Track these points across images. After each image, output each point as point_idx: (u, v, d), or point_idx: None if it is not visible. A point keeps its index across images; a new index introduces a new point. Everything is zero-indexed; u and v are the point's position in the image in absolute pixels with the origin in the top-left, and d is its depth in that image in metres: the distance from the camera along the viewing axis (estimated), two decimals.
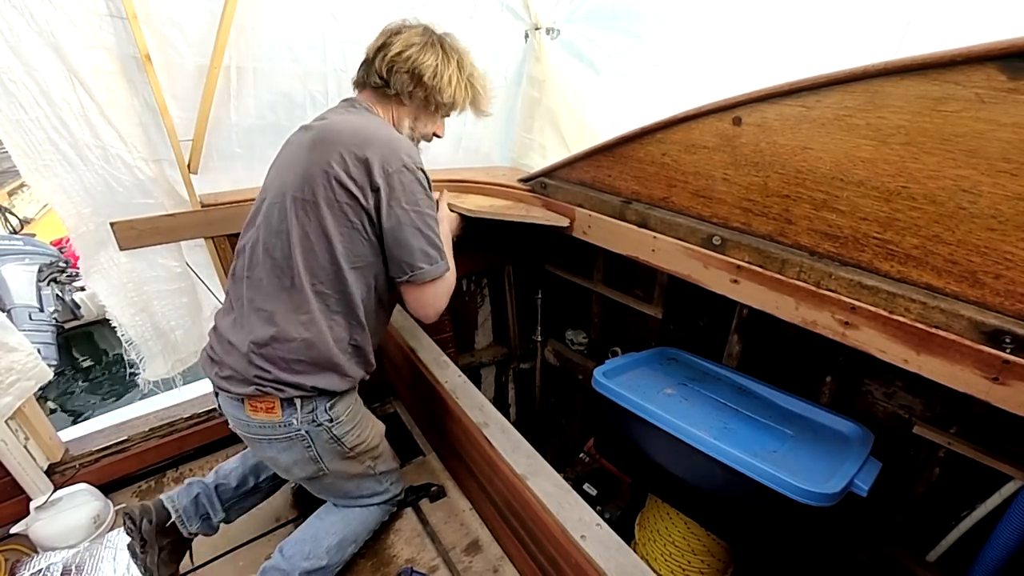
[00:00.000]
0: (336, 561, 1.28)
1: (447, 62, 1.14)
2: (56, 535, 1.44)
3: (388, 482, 1.39)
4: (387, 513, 1.44)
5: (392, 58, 1.11)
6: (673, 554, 1.48)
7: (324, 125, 1.11)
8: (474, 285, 2.22)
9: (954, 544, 1.26)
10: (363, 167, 1.02)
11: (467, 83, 1.19)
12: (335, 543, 1.28)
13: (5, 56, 1.21)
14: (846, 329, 0.94)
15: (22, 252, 3.56)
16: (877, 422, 1.33)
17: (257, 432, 1.15)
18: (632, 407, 1.35)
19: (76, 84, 1.31)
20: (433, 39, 1.14)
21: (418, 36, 1.13)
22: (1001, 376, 0.77)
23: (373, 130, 1.08)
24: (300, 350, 1.07)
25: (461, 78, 1.18)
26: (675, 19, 2.06)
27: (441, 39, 1.16)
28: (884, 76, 0.82)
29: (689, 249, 1.19)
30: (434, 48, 1.13)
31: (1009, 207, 0.75)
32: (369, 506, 1.37)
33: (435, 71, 1.13)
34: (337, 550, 1.28)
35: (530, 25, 1.94)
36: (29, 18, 1.21)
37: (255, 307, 1.09)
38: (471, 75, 1.20)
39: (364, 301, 1.12)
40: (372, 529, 1.39)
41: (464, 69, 1.18)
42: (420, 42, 1.12)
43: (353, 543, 1.33)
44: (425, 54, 1.12)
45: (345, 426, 1.19)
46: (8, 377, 1.35)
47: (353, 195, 1.03)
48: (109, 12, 1.29)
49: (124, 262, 1.53)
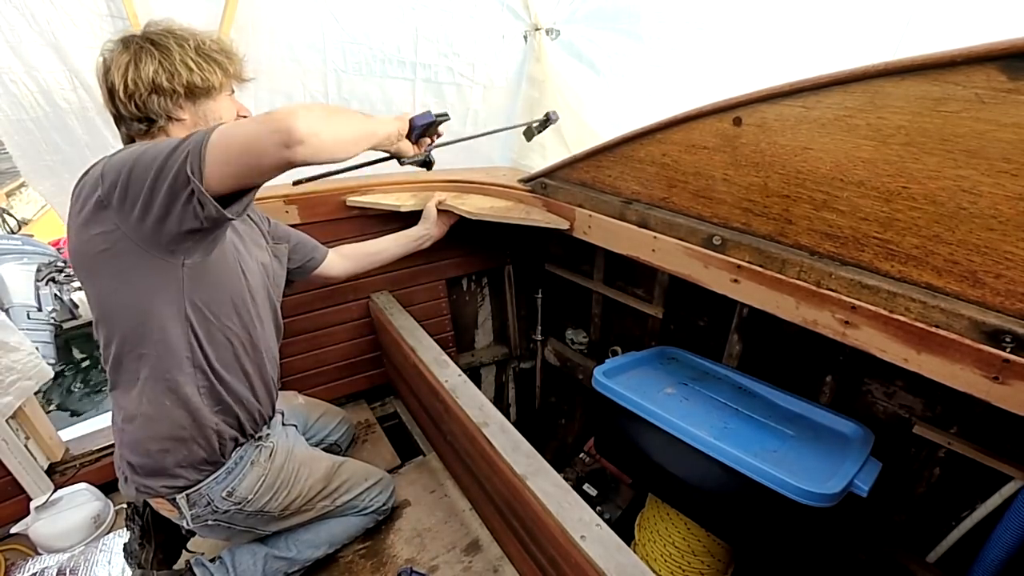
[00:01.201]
0: (305, 556, 1.28)
1: (168, 54, 0.95)
2: (56, 535, 1.44)
3: (364, 500, 1.38)
4: (374, 521, 1.43)
5: (129, 93, 0.95)
6: (673, 554, 1.48)
7: None
8: (474, 285, 2.22)
9: (954, 544, 1.26)
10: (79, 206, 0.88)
11: (203, 57, 0.99)
12: (308, 538, 1.29)
13: (6, 56, 1.22)
14: (846, 329, 0.94)
15: (20, 252, 3.56)
16: (877, 422, 1.33)
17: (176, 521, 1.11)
18: (632, 407, 1.35)
19: (77, 84, 1.31)
20: (137, 44, 0.96)
21: (124, 56, 0.95)
22: (1001, 375, 0.77)
23: None
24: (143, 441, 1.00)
25: (192, 55, 0.97)
26: (675, 20, 2.06)
27: (146, 38, 0.97)
28: (884, 76, 0.82)
29: (689, 249, 1.19)
30: (146, 51, 0.95)
31: (1009, 207, 0.75)
32: (351, 516, 1.37)
33: (168, 71, 0.95)
34: (308, 546, 1.29)
35: (530, 26, 1.95)
36: (30, 19, 1.22)
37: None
38: (198, 46, 0.99)
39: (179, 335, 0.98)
40: (353, 535, 1.39)
41: (187, 47, 0.98)
42: (130, 58, 0.94)
43: (328, 544, 1.33)
44: (145, 65, 0.94)
45: (260, 500, 1.12)
46: (8, 376, 1.35)
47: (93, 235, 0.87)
48: (109, 12, 1.29)
49: None
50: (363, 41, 1.29)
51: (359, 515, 1.38)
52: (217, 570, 1.19)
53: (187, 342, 0.98)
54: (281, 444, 1.21)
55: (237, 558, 1.21)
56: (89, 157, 1.39)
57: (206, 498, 1.06)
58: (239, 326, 1.07)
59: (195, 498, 1.05)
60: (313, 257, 1.43)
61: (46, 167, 1.36)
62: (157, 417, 0.99)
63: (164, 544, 1.26)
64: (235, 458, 1.10)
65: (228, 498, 1.08)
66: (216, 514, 1.08)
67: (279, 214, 1.56)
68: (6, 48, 1.21)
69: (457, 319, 2.17)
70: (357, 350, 1.92)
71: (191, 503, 1.05)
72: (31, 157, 1.33)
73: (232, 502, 1.09)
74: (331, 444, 1.63)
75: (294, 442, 1.28)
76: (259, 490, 1.12)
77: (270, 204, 1.54)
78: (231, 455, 1.10)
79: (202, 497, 1.06)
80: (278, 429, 1.26)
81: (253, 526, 1.17)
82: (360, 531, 1.40)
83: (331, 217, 1.68)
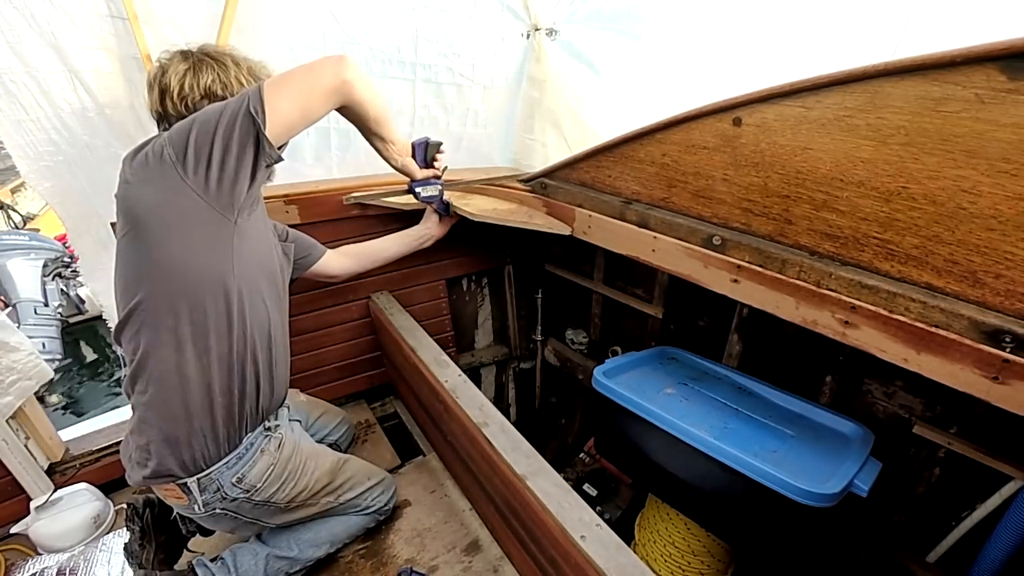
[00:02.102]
0: (307, 556, 1.29)
1: (225, 69, 1.07)
2: (56, 535, 1.44)
3: (367, 499, 1.40)
4: (375, 521, 1.43)
5: (183, 95, 1.03)
6: (673, 555, 1.48)
7: None
8: (474, 285, 2.22)
9: (954, 544, 1.26)
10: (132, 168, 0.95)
11: (254, 77, 1.12)
12: (309, 537, 1.30)
13: (6, 56, 1.22)
14: (846, 328, 0.94)
15: (27, 247, 3.58)
16: (877, 422, 1.33)
17: (184, 512, 1.13)
18: (632, 407, 1.35)
19: (77, 84, 1.31)
20: (196, 57, 1.06)
21: (183, 64, 1.05)
22: (1001, 375, 0.77)
23: None
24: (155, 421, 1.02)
25: (244, 74, 1.10)
26: (674, 21, 2.06)
27: (204, 52, 1.08)
28: (884, 76, 0.83)
29: (689, 249, 1.19)
30: (206, 64, 1.06)
31: (1009, 207, 0.75)
32: (352, 515, 1.37)
33: (223, 82, 1.06)
34: (310, 545, 1.29)
35: (530, 26, 1.95)
36: (30, 19, 1.22)
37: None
38: (250, 68, 1.12)
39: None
40: (354, 535, 1.39)
41: (241, 66, 1.11)
42: (189, 67, 1.05)
43: (329, 543, 1.33)
44: (204, 74, 1.05)
45: (268, 490, 1.14)
46: (9, 376, 1.35)
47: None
48: (110, 12, 1.29)
49: None
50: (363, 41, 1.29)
51: (360, 514, 1.39)
52: (219, 570, 1.19)
53: (222, 311, 1.01)
54: (288, 436, 1.22)
55: (239, 558, 1.21)
56: (89, 157, 1.39)
57: (216, 483, 1.08)
58: (264, 309, 1.10)
59: (206, 483, 1.07)
60: (310, 254, 1.44)
61: (46, 167, 1.36)
62: (175, 394, 1.01)
63: (165, 544, 1.26)
64: (246, 444, 1.12)
65: (238, 484, 1.09)
66: (224, 501, 1.10)
67: (279, 214, 1.57)
68: (6, 48, 1.21)
69: (457, 319, 2.17)
70: (357, 350, 1.92)
71: (202, 488, 1.07)
72: (31, 158, 1.33)
73: (242, 489, 1.10)
74: (331, 444, 1.63)
75: (300, 436, 1.29)
76: (268, 479, 1.13)
77: (271, 204, 1.54)
78: (242, 440, 1.12)
79: (212, 482, 1.08)
80: (285, 422, 1.27)
81: (259, 517, 1.17)
82: (361, 530, 1.41)
83: (331, 217, 1.68)
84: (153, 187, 0.93)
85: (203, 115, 0.93)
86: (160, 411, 1.01)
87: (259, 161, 0.94)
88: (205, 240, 0.96)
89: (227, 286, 1.00)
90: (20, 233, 3.88)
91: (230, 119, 0.90)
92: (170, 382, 1.00)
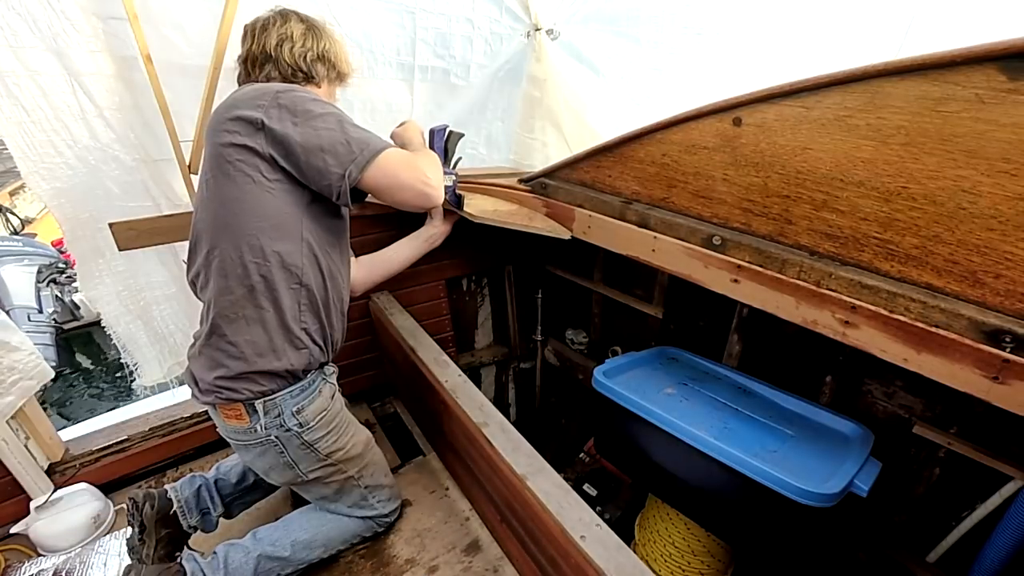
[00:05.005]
0: (299, 558, 1.28)
1: (336, 44, 1.23)
2: (56, 535, 1.44)
3: (375, 499, 1.39)
4: (371, 531, 1.42)
5: (300, 52, 1.15)
6: (673, 555, 1.48)
7: None
8: (474, 285, 2.22)
9: (954, 544, 1.26)
10: (240, 121, 1.03)
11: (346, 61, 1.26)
12: (303, 539, 1.29)
13: (7, 59, 1.22)
14: (846, 328, 0.95)
15: (21, 253, 3.57)
16: (877, 422, 1.33)
17: (233, 437, 1.18)
18: (632, 407, 1.35)
19: (76, 87, 1.32)
20: (311, 22, 1.20)
21: (300, 26, 1.17)
22: (1001, 375, 0.77)
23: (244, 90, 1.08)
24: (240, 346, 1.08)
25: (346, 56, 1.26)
26: (673, 24, 2.07)
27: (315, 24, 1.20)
28: (884, 76, 0.83)
29: (689, 249, 1.19)
30: (326, 33, 1.20)
31: (1009, 207, 0.75)
32: (352, 517, 1.37)
33: (335, 52, 1.21)
34: (303, 547, 1.29)
35: (530, 26, 1.95)
36: (32, 23, 1.22)
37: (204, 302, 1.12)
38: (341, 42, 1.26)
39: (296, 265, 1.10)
40: (348, 540, 1.38)
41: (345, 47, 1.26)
42: (306, 29, 1.17)
43: (323, 547, 1.32)
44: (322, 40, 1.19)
45: (317, 431, 1.18)
46: (9, 376, 1.35)
47: (244, 146, 1.03)
48: (110, 14, 1.29)
49: (122, 269, 1.53)
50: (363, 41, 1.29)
51: (359, 519, 1.38)
52: (208, 566, 1.19)
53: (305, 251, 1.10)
54: (338, 392, 1.28)
55: (230, 555, 1.21)
56: (89, 158, 1.39)
57: (278, 408, 1.13)
58: (339, 257, 1.21)
59: (270, 406, 1.12)
60: None
61: (46, 168, 1.36)
62: (256, 322, 1.08)
63: (166, 540, 1.26)
64: (309, 379, 1.18)
65: (296, 415, 1.14)
66: (280, 429, 1.14)
67: None
68: (8, 51, 1.22)
69: (457, 319, 2.17)
70: (357, 350, 1.92)
71: (266, 410, 1.12)
72: (32, 159, 1.33)
73: (297, 421, 1.15)
74: None
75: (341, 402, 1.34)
76: (320, 420, 1.18)
77: None
78: (307, 375, 1.17)
79: (275, 407, 1.12)
80: (333, 379, 1.30)
81: (299, 461, 1.20)
82: (356, 538, 1.39)
83: None
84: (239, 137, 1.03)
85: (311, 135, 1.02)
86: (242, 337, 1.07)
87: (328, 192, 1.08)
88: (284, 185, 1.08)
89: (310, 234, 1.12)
90: (14, 239, 3.88)
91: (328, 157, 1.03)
92: (253, 315, 1.08)
